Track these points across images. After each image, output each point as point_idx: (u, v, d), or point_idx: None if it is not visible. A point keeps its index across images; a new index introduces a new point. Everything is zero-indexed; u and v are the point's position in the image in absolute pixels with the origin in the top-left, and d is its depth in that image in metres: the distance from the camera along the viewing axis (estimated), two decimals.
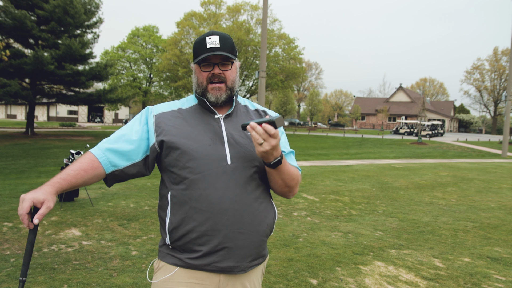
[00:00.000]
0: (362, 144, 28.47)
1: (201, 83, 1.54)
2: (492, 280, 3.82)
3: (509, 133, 26.06)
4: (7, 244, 4.45)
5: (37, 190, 1.28)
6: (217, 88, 1.51)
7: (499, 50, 63.25)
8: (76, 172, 1.38)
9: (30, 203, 1.25)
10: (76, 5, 20.65)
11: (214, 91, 1.52)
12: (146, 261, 4.07)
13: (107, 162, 1.45)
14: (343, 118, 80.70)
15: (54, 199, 1.30)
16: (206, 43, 1.49)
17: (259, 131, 1.32)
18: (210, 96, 1.53)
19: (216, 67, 1.51)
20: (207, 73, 1.52)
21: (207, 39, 1.49)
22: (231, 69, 1.54)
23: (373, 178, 11.06)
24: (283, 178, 1.49)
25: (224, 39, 1.51)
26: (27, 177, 9.92)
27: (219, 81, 1.52)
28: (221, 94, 1.52)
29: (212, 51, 1.48)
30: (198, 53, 1.51)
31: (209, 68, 1.52)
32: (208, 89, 1.52)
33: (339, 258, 4.32)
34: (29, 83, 22.50)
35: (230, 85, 1.54)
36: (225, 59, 1.51)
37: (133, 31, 46.76)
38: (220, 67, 1.51)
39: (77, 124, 39.48)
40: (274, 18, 37.27)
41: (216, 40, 1.49)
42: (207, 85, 1.53)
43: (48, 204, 1.27)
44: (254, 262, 1.53)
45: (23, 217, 1.25)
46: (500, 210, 7.24)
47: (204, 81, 1.53)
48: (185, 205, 1.45)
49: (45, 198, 1.27)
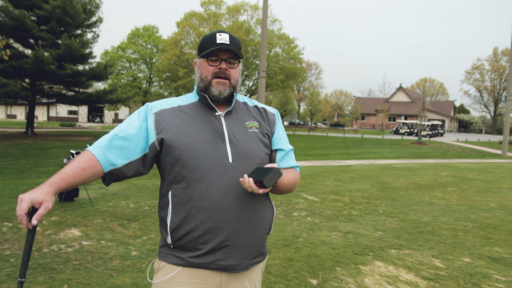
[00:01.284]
0: (362, 144, 28.47)
1: (205, 77, 1.54)
2: (492, 280, 3.82)
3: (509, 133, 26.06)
4: (7, 244, 4.45)
5: (35, 190, 1.27)
6: (222, 83, 1.52)
7: (499, 50, 63.34)
8: (74, 172, 1.37)
9: (29, 203, 1.24)
10: (76, 5, 20.65)
11: (218, 85, 1.52)
12: (146, 261, 4.07)
13: (105, 161, 1.43)
14: (343, 118, 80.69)
15: (52, 199, 1.30)
16: (216, 39, 1.50)
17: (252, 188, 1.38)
18: (213, 90, 1.52)
19: (223, 63, 1.52)
20: (214, 68, 1.52)
21: (217, 35, 1.51)
22: (237, 68, 1.56)
23: (373, 178, 11.06)
24: (280, 190, 1.56)
25: (233, 38, 1.54)
26: (27, 177, 9.91)
27: (225, 77, 1.53)
28: (225, 89, 1.53)
29: (222, 46, 1.49)
30: (206, 47, 1.51)
31: (217, 63, 1.52)
32: (213, 83, 1.53)
33: (339, 258, 4.31)
34: (29, 83, 22.50)
35: (234, 83, 1.55)
36: (233, 56, 1.53)
37: (133, 31, 46.74)
38: (227, 63, 1.52)
39: (77, 124, 39.45)
40: (274, 18, 37.33)
41: (226, 37, 1.51)
42: (211, 80, 1.53)
43: (47, 204, 1.26)
44: (255, 260, 1.54)
45: (21, 217, 1.24)
46: (500, 210, 7.23)
47: (209, 75, 1.53)
48: (187, 204, 1.44)
49: (44, 199, 1.26)
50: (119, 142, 1.46)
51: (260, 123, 1.61)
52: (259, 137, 1.57)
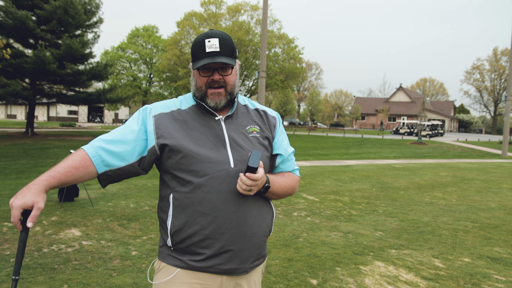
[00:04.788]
0: (362, 144, 28.47)
1: (200, 88, 1.50)
2: (492, 280, 3.82)
3: (509, 133, 26.06)
4: (7, 244, 4.45)
5: (24, 194, 1.26)
6: (217, 93, 1.48)
7: (498, 50, 63.30)
8: (66, 170, 1.35)
9: (20, 210, 1.25)
10: (77, 5, 20.66)
11: (213, 97, 1.49)
12: (146, 261, 4.07)
13: (99, 161, 1.41)
14: (343, 118, 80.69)
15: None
16: (205, 47, 1.44)
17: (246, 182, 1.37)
18: (209, 101, 1.50)
19: (215, 73, 1.47)
20: (206, 78, 1.48)
21: (206, 42, 1.44)
22: (231, 74, 1.50)
23: (373, 178, 11.06)
24: (277, 194, 1.56)
25: (224, 41, 1.46)
26: (27, 177, 9.91)
27: (219, 86, 1.49)
28: (220, 99, 1.50)
29: (212, 55, 1.43)
30: (196, 57, 1.47)
31: (209, 73, 1.48)
32: (208, 94, 1.49)
33: (339, 258, 4.31)
34: (29, 83, 22.51)
35: (230, 90, 1.51)
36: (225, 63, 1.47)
37: (133, 31, 46.73)
38: (220, 72, 1.47)
39: (77, 124, 39.45)
40: (274, 18, 37.32)
41: (216, 43, 1.44)
42: (206, 90, 1.49)
43: (38, 205, 1.26)
44: (256, 263, 1.54)
45: (15, 224, 1.27)
46: (500, 210, 7.23)
47: (203, 86, 1.49)
48: (188, 208, 1.43)
49: (34, 201, 1.26)
50: (116, 144, 1.44)
51: (260, 127, 1.60)
52: (260, 142, 1.55)
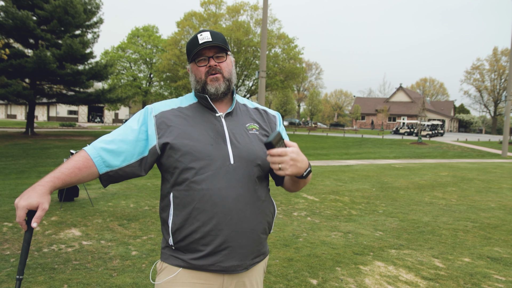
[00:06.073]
0: (362, 144, 28.47)
1: (200, 79, 1.55)
2: (492, 280, 3.82)
3: (509, 133, 26.06)
4: (7, 244, 4.45)
5: (29, 194, 1.28)
6: (215, 78, 1.53)
7: (498, 50, 63.28)
8: (70, 171, 1.38)
9: (25, 210, 1.27)
10: (76, 5, 20.67)
11: (213, 82, 1.53)
12: (146, 261, 4.07)
13: (100, 162, 1.43)
14: (343, 118, 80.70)
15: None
16: (198, 40, 1.52)
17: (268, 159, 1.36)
18: (209, 88, 1.53)
19: (211, 60, 1.53)
20: (204, 67, 1.54)
21: (199, 36, 1.53)
22: (226, 61, 1.56)
23: (373, 178, 11.06)
24: (305, 182, 1.53)
25: (215, 34, 1.55)
26: (27, 177, 9.92)
27: (216, 72, 1.54)
28: (219, 84, 1.54)
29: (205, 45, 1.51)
30: (191, 50, 1.54)
31: (205, 62, 1.54)
32: (207, 81, 1.54)
33: (339, 258, 4.32)
34: (29, 83, 22.52)
35: (227, 76, 1.56)
36: (218, 51, 1.54)
37: (133, 31, 46.71)
38: (215, 59, 1.54)
39: (77, 124, 39.45)
40: (273, 18, 37.28)
41: (207, 35, 1.52)
42: (205, 79, 1.54)
43: (43, 206, 1.28)
44: (256, 260, 1.55)
45: (21, 224, 1.29)
46: (500, 210, 7.23)
47: (203, 76, 1.54)
48: (188, 205, 1.44)
49: (39, 202, 1.28)
50: (117, 144, 1.46)
51: (260, 124, 1.62)
52: (260, 139, 1.57)
